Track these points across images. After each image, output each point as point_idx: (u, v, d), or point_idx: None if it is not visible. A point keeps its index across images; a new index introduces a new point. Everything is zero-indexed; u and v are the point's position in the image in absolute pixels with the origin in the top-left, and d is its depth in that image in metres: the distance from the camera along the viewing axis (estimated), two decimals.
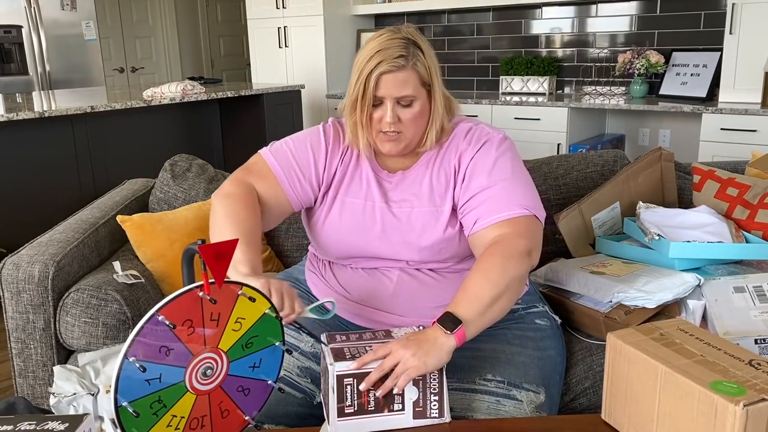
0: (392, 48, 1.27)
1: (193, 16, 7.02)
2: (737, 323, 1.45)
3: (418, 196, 1.37)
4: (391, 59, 1.26)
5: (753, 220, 1.70)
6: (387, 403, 1.04)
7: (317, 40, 4.89)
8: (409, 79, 1.28)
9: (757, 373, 0.92)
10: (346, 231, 1.38)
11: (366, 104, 1.30)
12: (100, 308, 1.60)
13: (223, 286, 0.97)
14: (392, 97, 1.29)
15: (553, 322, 1.46)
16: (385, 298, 1.37)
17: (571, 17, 4.34)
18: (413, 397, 1.03)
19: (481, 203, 1.31)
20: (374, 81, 1.28)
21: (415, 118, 1.31)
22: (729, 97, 3.54)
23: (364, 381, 1.06)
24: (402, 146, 1.35)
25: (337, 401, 1.05)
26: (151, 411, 0.92)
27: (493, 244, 1.25)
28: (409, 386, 1.03)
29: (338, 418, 1.05)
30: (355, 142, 1.38)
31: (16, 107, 3.21)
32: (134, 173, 3.01)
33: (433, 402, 1.02)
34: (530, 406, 1.27)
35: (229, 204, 1.32)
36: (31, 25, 4.88)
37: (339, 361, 1.07)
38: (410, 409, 1.03)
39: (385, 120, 1.31)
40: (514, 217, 1.28)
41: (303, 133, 1.46)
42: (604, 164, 1.98)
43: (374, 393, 1.04)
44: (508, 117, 4.10)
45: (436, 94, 1.33)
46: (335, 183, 1.41)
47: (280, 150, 1.42)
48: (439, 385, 1.02)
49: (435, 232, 1.35)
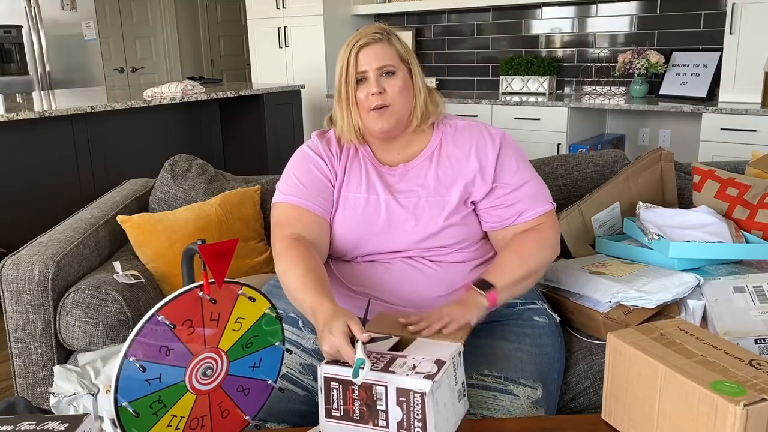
0: (368, 30, 1.39)
1: (193, 16, 7.02)
2: (737, 323, 1.45)
3: (425, 187, 1.41)
4: (369, 35, 1.37)
5: (753, 220, 1.70)
6: (371, 417, 1.03)
7: (317, 40, 4.89)
8: (388, 52, 1.37)
9: (757, 373, 0.92)
10: (351, 225, 1.40)
11: (350, 83, 1.36)
12: (100, 308, 1.60)
13: (223, 286, 0.97)
14: (374, 68, 1.35)
15: (552, 320, 1.46)
16: (387, 289, 1.38)
17: (571, 17, 4.34)
18: (397, 418, 1.02)
19: (519, 200, 1.41)
20: (354, 56, 1.35)
21: (400, 90, 1.37)
22: (729, 97, 3.54)
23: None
24: (393, 122, 1.37)
25: (324, 402, 1.05)
26: (151, 411, 0.92)
27: (530, 230, 1.39)
28: (393, 405, 1.02)
29: (326, 419, 1.05)
30: (345, 131, 1.41)
31: (16, 107, 3.21)
32: (134, 173, 3.01)
33: (417, 428, 1.01)
34: (527, 402, 1.28)
35: (284, 260, 1.30)
36: (31, 25, 4.88)
37: (331, 363, 1.06)
38: (395, 428, 1.02)
39: (371, 93, 1.35)
40: (547, 212, 1.43)
41: (293, 161, 1.47)
42: (604, 164, 1.98)
43: (359, 403, 1.03)
44: (508, 117, 4.10)
45: (417, 74, 1.41)
46: (338, 182, 1.43)
47: (290, 185, 1.42)
48: (422, 411, 1.00)
49: (440, 219, 1.39)
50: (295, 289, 1.26)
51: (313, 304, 1.19)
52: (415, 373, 1.01)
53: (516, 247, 1.36)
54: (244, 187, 2.04)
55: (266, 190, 2.03)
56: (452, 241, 1.40)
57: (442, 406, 1.03)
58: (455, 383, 1.08)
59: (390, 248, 1.40)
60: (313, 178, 1.42)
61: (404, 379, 1.01)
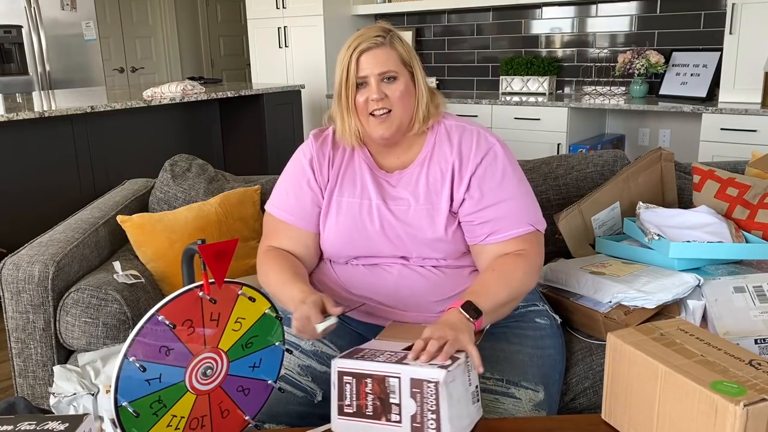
0: (370, 31, 1.34)
1: (193, 16, 7.02)
2: (737, 323, 1.45)
3: (415, 195, 1.38)
4: (370, 38, 1.33)
5: (753, 220, 1.70)
6: (384, 412, 1.04)
7: (317, 40, 4.88)
8: (390, 56, 1.33)
9: (757, 373, 0.92)
10: (345, 230, 1.39)
11: (350, 87, 1.34)
12: (100, 308, 1.60)
13: (223, 286, 0.97)
14: (375, 74, 1.32)
15: (553, 322, 1.46)
16: (387, 294, 1.38)
17: (571, 17, 4.34)
18: (411, 411, 1.02)
19: (493, 218, 1.34)
20: (355, 61, 1.32)
21: (402, 95, 1.34)
22: (729, 97, 3.53)
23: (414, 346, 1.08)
24: (394, 128, 1.35)
25: (337, 398, 1.05)
26: (151, 411, 0.92)
27: (515, 255, 1.33)
28: (407, 397, 1.02)
29: (338, 416, 1.05)
30: (343, 131, 1.39)
31: (16, 107, 3.21)
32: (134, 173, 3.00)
33: (431, 420, 1.01)
34: (529, 405, 1.28)
35: (264, 267, 1.39)
36: (31, 25, 4.88)
37: (344, 358, 1.06)
38: (408, 422, 1.03)
39: (371, 97, 1.33)
40: (525, 234, 1.35)
41: (289, 167, 1.49)
42: (604, 164, 1.98)
43: (372, 397, 1.04)
44: (508, 117, 4.10)
45: (419, 76, 1.37)
46: (329, 187, 1.42)
47: (281, 198, 1.46)
48: (435, 402, 1.01)
49: (431, 229, 1.36)
50: (275, 283, 1.33)
51: (292, 292, 1.27)
52: (429, 365, 1.02)
53: (501, 268, 1.30)
54: (244, 187, 2.04)
55: (266, 190, 2.03)
56: (443, 255, 1.38)
57: (456, 401, 1.03)
58: (469, 384, 1.08)
59: (385, 252, 1.39)
60: (303, 195, 1.43)
61: (418, 370, 1.02)
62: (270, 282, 1.35)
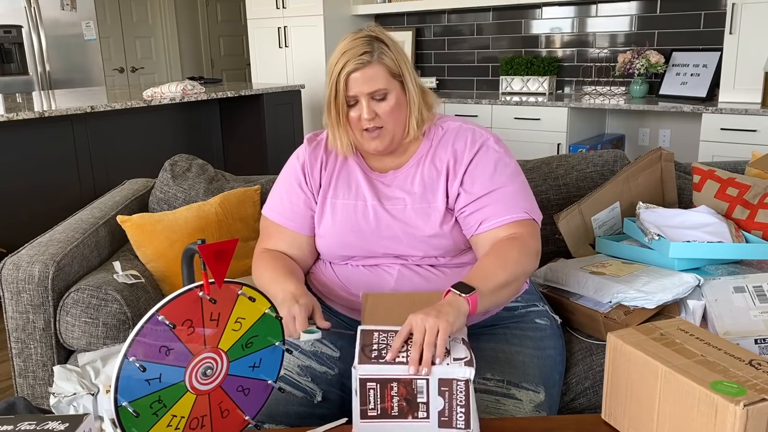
0: (356, 47, 1.31)
1: (193, 16, 7.02)
2: (737, 323, 1.45)
3: (411, 194, 1.39)
4: (356, 57, 1.29)
5: (753, 220, 1.70)
6: (411, 410, 1.04)
7: (317, 40, 4.89)
8: (378, 74, 1.31)
9: (757, 373, 0.92)
10: (341, 231, 1.40)
11: (339, 106, 1.34)
12: (100, 308, 1.60)
13: (223, 286, 0.97)
14: (364, 94, 1.31)
15: (554, 322, 1.46)
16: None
17: (571, 17, 4.34)
18: (439, 407, 1.03)
19: (485, 206, 1.34)
20: (344, 82, 1.31)
21: (392, 110, 1.33)
22: (729, 97, 3.54)
23: (389, 352, 1.03)
24: (387, 141, 1.36)
25: (359, 404, 1.04)
26: (151, 411, 0.92)
27: (510, 239, 1.30)
28: (435, 396, 1.03)
29: (361, 420, 1.05)
30: (335, 144, 1.40)
31: (16, 107, 3.21)
32: (134, 173, 3.01)
33: (460, 413, 1.01)
34: (530, 405, 1.28)
35: (257, 266, 1.41)
36: (31, 25, 4.88)
37: (363, 363, 1.05)
38: (435, 418, 1.03)
39: (363, 117, 1.33)
40: (518, 220, 1.33)
41: (284, 171, 1.51)
42: (604, 164, 1.98)
43: (398, 399, 1.04)
44: (508, 117, 4.10)
45: (409, 84, 1.35)
46: (323, 190, 1.44)
47: (276, 201, 1.48)
48: (465, 397, 1.01)
49: (428, 227, 1.36)
50: (269, 278, 1.33)
51: (285, 284, 1.28)
52: (454, 360, 1.03)
53: (496, 252, 1.28)
54: (244, 187, 2.04)
55: (266, 190, 2.03)
56: (442, 252, 1.38)
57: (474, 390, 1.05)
58: None
59: (381, 252, 1.39)
60: (297, 199, 1.44)
61: (445, 369, 1.02)
62: (263, 277, 1.36)
